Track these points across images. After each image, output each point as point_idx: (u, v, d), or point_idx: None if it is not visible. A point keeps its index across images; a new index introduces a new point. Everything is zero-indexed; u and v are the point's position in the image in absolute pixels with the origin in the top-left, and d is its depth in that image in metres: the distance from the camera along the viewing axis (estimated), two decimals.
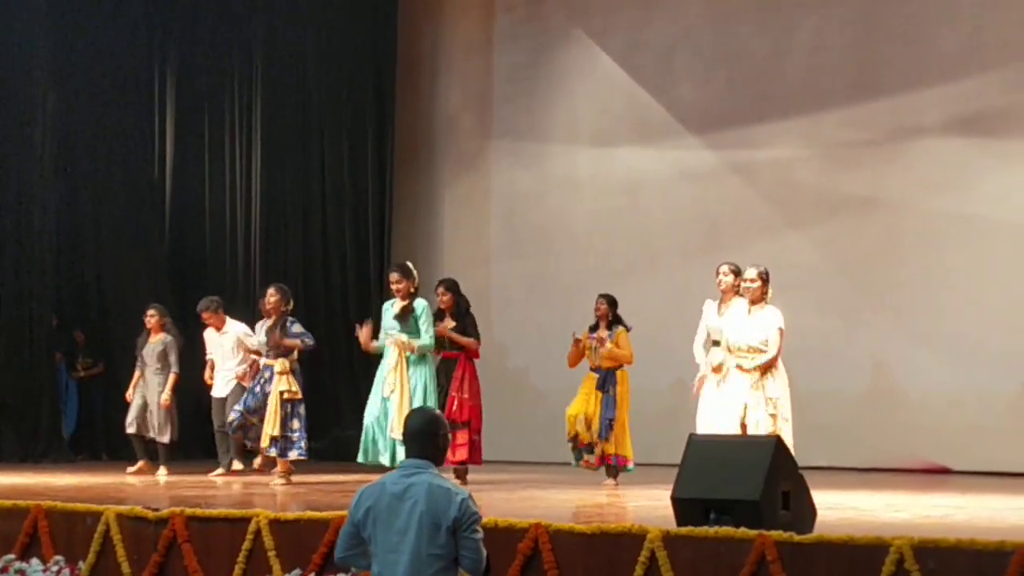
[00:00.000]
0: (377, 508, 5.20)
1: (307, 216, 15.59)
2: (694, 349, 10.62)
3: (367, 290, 15.08)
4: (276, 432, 11.09)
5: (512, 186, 15.22)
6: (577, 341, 11.33)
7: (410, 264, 10.95)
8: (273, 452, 11.15)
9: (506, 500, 9.71)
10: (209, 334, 12.52)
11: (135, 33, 15.43)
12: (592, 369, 11.38)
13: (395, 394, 10.40)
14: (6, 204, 14.52)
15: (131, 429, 12.53)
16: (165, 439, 12.43)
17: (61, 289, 14.81)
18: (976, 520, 8.00)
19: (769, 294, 10.15)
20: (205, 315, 12.41)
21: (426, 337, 10.55)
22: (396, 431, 10.24)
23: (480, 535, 5.23)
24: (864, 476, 12.13)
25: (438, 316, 10.95)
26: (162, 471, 12.32)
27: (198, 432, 13.65)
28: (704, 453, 7.31)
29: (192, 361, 12.88)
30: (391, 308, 10.75)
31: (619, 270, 14.48)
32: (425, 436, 5.32)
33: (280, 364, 11.26)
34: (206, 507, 8.24)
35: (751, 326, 10.06)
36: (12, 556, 8.33)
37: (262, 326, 12.83)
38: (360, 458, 10.69)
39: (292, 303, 11.62)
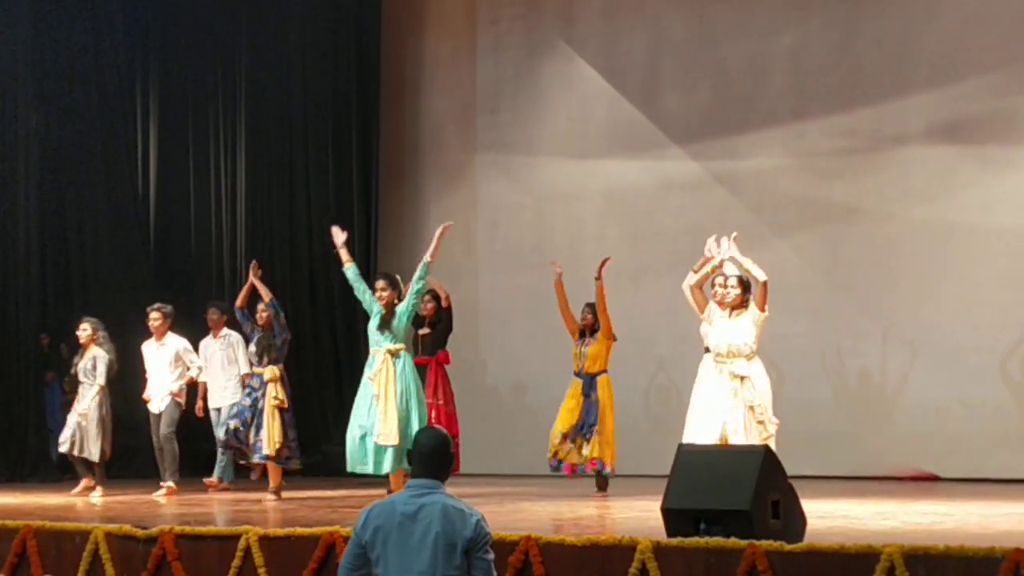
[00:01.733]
0: (387, 528, 5.09)
1: (293, 231, 15.57)
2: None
3: (354, 305, 15.03)
4: (280, 440, 11.10)
5: (498, 198, 15.23)
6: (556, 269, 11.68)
7: (398, 276, 10.94)
8: (278, 463, 11.19)
9: (495, 513, 9.67)
10: (148, 348, 12.20)
11: (117, 50, 15.41)
12: (576, 373, 11.46)
13: (381, 401, 10.31)
14: None
15: (64, 448, 12.10)
16: (95, 456, 11.96)
17: (47, 306, 14.77)
18: (965, 527, 8.01)
19: (749, 302, 10.10)
20: (154, 316, 12.07)
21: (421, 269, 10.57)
22: (381, 438, 10.18)
23: (492, 556, 5.17)
24: (853, 484, 12.13)
25: (417, 322, 11.23)
26: (97, 492, 11.85)
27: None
28: (693, 463, 7.31)
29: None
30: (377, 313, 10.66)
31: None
32: (437, 456, 5.22)
33: (270, 372, 11.25)
34: (195, 524, 8.22)
35: (731, 330, 10.01)
36: None
37: (206, 345, 12.66)
38: (349, 468, 10.59)
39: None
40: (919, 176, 13.07)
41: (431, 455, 5.22)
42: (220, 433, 12.14)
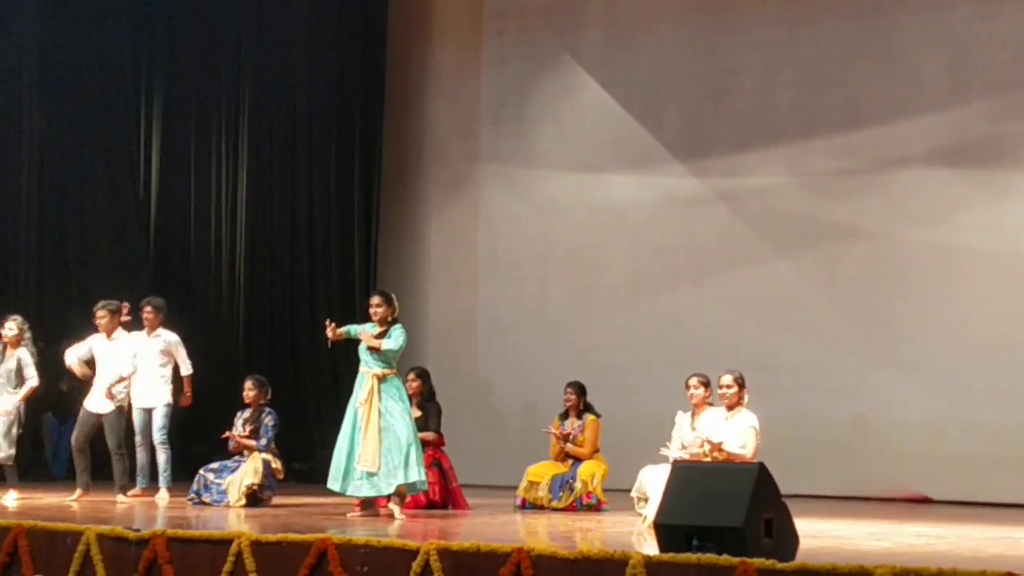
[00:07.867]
0: None
1: (293, 239, 15.58)
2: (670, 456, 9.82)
3: (353, 313, 15.00)
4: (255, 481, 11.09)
5: (500, 210, 15.23)
6: (553, 435, 11.39)
7: (393, 295, 10.71)
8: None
9: (487, 525, 9.69)
10: (98, 344, 11.64)
11: (122, 54, 15.46)
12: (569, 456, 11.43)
13: (364, 427, 10.13)
14: None
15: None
16: (10, 459, 11.33)
17: (43, 309, 14.72)
18: (958, 549, 8.01)
19: (745, 399, 9.72)
20: (100, 314, 11.56)
21: (390, 342, 10.07)
22: (363, 463, 10.02)
23: None
24: (846, 504, 12.12)
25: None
26: (11, 495, 11.14)
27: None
28: (687, 479, 7.31)
29: None
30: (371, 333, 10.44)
31: (606, 296, 14.50)
32: None
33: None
34: (188, 528, 8.21)
35: (729, 432, 9.59)
36: None
37: (136, 343, 12.18)
38: (329, 484, 10.43)
39: (270, 394, 11.56)
40: (920, 198, 13.09)
41: None
42: (159, 436, 11.75)
